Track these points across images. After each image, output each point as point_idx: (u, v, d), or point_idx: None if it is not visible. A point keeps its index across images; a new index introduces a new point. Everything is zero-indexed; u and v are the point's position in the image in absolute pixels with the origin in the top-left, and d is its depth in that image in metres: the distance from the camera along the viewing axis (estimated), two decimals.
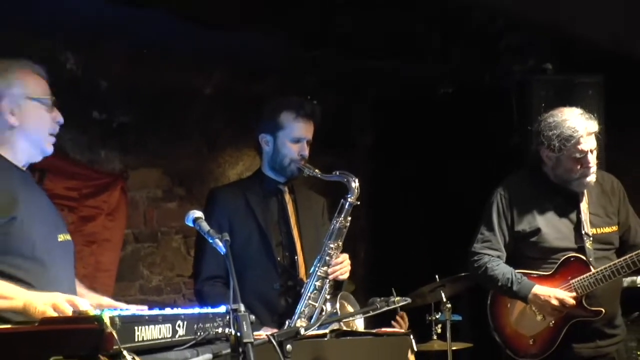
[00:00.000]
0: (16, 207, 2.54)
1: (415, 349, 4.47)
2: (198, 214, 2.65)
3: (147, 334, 2.00)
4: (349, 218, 3.50)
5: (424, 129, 6.28)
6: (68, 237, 2.78)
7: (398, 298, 2.83)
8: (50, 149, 2.77)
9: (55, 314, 2.19)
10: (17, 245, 2.51)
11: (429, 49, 5.69)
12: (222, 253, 2.46)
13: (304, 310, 3.38)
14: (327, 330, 2.87)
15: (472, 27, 5.44)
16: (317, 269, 3.43)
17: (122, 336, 1.88)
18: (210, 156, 5.98)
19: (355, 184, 3.50)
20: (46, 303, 2.25)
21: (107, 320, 1.84)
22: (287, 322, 3.36)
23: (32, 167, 2.85)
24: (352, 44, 5.52)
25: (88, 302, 2.30)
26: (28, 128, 2.68)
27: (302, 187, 3.77)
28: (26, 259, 2.49)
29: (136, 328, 1.97)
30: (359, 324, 3.49)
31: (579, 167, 3.55)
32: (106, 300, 2.71)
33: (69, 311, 2.18)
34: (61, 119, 2.78)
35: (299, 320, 3.34)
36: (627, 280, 4.35)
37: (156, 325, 2.05)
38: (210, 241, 2.53)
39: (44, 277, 2.51)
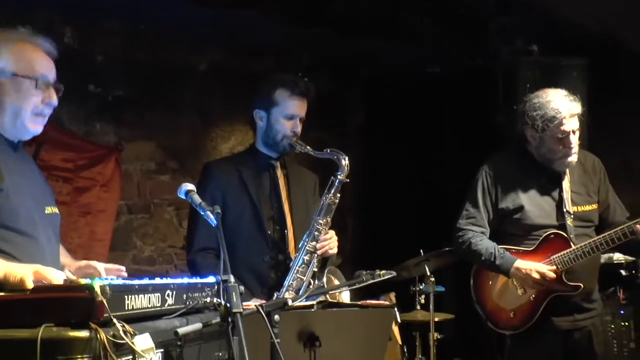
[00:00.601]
0: (1, 179, 2.46)
1: (399, 321, 4.50)
2: (190, 186, 2.65)
3: (136, 302, 2.00)
4: (339, 195, 3.50)
5: (413, 108, 6.28)
6: (56, 209, 2.71)
7: (383, 271, 2.84)
8: (35, 129, 2.60)
9: (31, 283, 2.15)
10: (1, 217, 2.44)
11: (420, 31, 5.67)
12: (214, 225, 2.46)
13: (292, 283, 3.40)
14: (314, 302, 2.88)
15: (462, 10, 5.42)
16: (305, 243, 3.44)
17: (113, 305, 1.88)
18: (203, 131, 5.97)
19: (345, 161, 3.50)
20: (27, 272, 2.20)
21: (97, 289, 1.84)
22: (275, 294, 3.37)
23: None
24: (346, 25, 5.50)
25: (62, 275, 2.22)
26: (5, 105, 2.53)
27: (294, 163, 3.77)
28: (10, 231, 2.43)
29: (126, 297, 1.97)
30: (344, 297, 3.50)
31: (561, 146, 3.56)
32: (94, 264, 2.65)
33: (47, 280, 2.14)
34: (54, 101, 2.61)
35: (287, 293, 3.36)
36: (604, 257, 4.38)
37: (146, 295, 2.05)
38: (202, 213, 2.53)
39: (28, 249, 2.46)
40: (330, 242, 3.50)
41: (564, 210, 3.59)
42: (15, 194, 2.48)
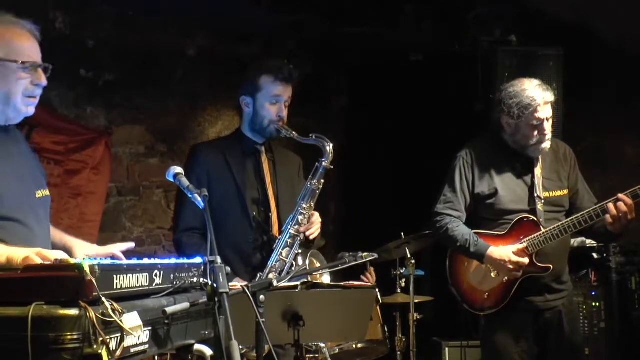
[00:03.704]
0: None
1: (381, 301, 4.53)
2: (179, 169, 2.66)
3: (125, 282, 2.01)
4: (322, 181, 3.51)
5: (395, 94, 6.29)
6: (47, 192, 2.68)
7: (365, 253, 2.86)
8: (27, 111, 2.56)
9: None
10: None
11: (403, 18, 5.67)
12: (201, 207, 2.47)
13: (275, 265, 3.41)
14: (298, 283, 2.90)
15: None
16: (289, 227, 3.46)
17: (102, 284, 1.88)
18: (191, 115, 5.96)
19: (330, 148, 3.51)
20: (24, 256, 2.20)
21: (87, 269, 1.84)
22: (259, 275, 3.38)
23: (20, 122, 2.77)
24: (330, 11, 5.50)
25: (62, 254, 2.22)
26: None
27: (279, 147, 3.78)
28: (8, 214, 2.41)
29: (115, 276, 1.97)
30: (324, 279, 3.52)
31: (535, 133, 3.58)
32: (94, 249, 2.66)
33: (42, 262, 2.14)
34: (43, 82, 2.56)
35: (270, 274, 3.37)
36: (577, 241, 4.43)
37: (134, 274, 2.06)
38: (190, 196, 2.54)
39: (17, 233, 2.43)
40: (313, 226, 3.51)
41: (535, 195, 3.63)
42: (3, 179, 2.45)
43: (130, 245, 2.63)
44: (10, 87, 2.50)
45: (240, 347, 2.87)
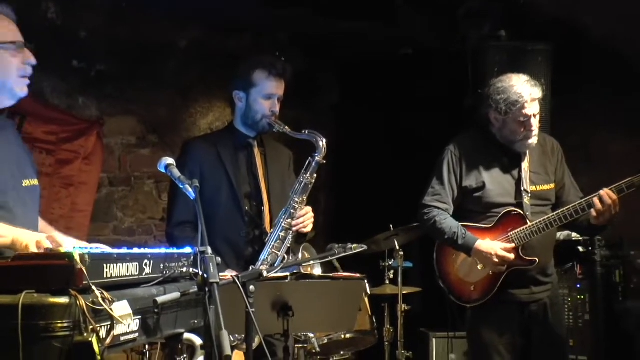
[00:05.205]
0: None
1: (369, 292, 4.54)
2: (170, 160, 2.65)
3: (115, 271, 2.00)
4: (315, 175, 3.51)
5: (385, 88, 6.29)
6: (35, 182, 2.67)
7: (355, 245, 2.86)
8: (22, 92, 2.58)
9: (36, 250, 2.17)
10: None
11: (393, 14, 5.66)
12: (192, 198, 2.46)
13: (267, 258, 3.41)
14: (288, 274, 2.90)
15: None
16: (282, 220, 3.45)
17: (92, 272, 1.87)
18: (183, 106, 5.95)
19: (322, 143, 3.50)
20: (31, 239, 2.23)
21: (77, 257, 1.83)
22: (251, 268, 3.38)
23: (12, 111, 2.76)
24: (321, 6, 5.48)
25: (72, 241, 2.25)
26: None
27: (271, 140, 3.76)
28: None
29: (105, 265, 1.96)
30: (316, 271, 3.53)
31: (522, 129, 3.59)
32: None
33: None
34: (32, 60, 2.57)
35: (262, 266, 3.37)
36: (563, 234, 4.45)
37: (124, 264, 2.05)
38: (181, 187, 2.53)
39: (4, 220, 2.42)
40: (305, 220, 3.51)
41: (522, 189, 3.63)
42: None
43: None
44: (5, 70, 2.51)
45: (231, 338, 2.88)
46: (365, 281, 4.25)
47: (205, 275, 2.20)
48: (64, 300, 1.81)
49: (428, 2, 5.50)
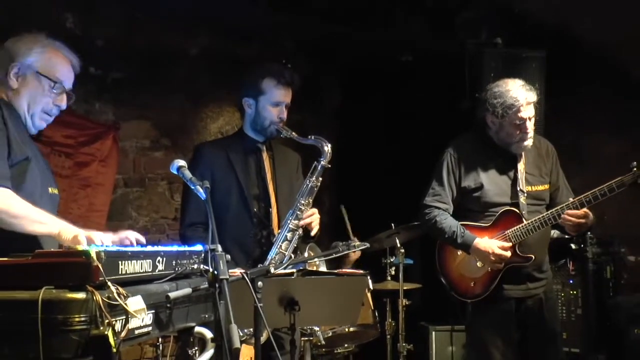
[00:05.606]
0: (27, 149, 2.55)
1: (372, 288, 4.54)
2: (182, 162, 2.66)
3: (129, 267, 2.02)
4: (320, 178, 3.51)
5: (386, 93, 6.28)
6: (56, 191, 2.75)
7: (358, 243, 2.86)
8: (39, 125, 2.69)
9: (74, 244, 2.21)
10: (28, 184, 2.50)
11: (394, 21, 5.67)
12: (202, 198, 2.47)
13: (274, 257, 3.41)
14: (294, 270, 2.90)
15: (432, 2, 5.42)
16: (289, 221, 3.45)
17: (107, 269, 1.89)
18: (194, 111, 5.96)
19: (328, 148, 3.50)
20: (73, 234, 2.29)
21: (93, 255, 1.85)
22: (259, 266, 3.37)
23: None
24: (325, 13, 5.48)
25: (111, 237, 2.32)
26: (22, 97, 2.63)
27: (279, 145, 3.75)
28: (33, 200, 2.45)
29: (120, 262, 1.98)
30: (322, 269, 3.53)
31: (518, 132, 3.59)
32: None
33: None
34: (63, 104, 2.71)
35: (270, 265, 3.36)
36: (557, 232, 4.44)
37: (138, 261, 2.06)
38: (192, 187, 2.53)
39: None
40: (312, 221, 3.51)
41: (518, 189, 3.63)
42: (35, 167, 2.56)
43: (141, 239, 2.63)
44: (35, 97, 2.64)
45: (240, 332, 2.89)
46: (368, 277, 4.23)
47: (216, 272, 2.21)
48: (81, 295, 1.82)
49: (427, 11, 5.50)
